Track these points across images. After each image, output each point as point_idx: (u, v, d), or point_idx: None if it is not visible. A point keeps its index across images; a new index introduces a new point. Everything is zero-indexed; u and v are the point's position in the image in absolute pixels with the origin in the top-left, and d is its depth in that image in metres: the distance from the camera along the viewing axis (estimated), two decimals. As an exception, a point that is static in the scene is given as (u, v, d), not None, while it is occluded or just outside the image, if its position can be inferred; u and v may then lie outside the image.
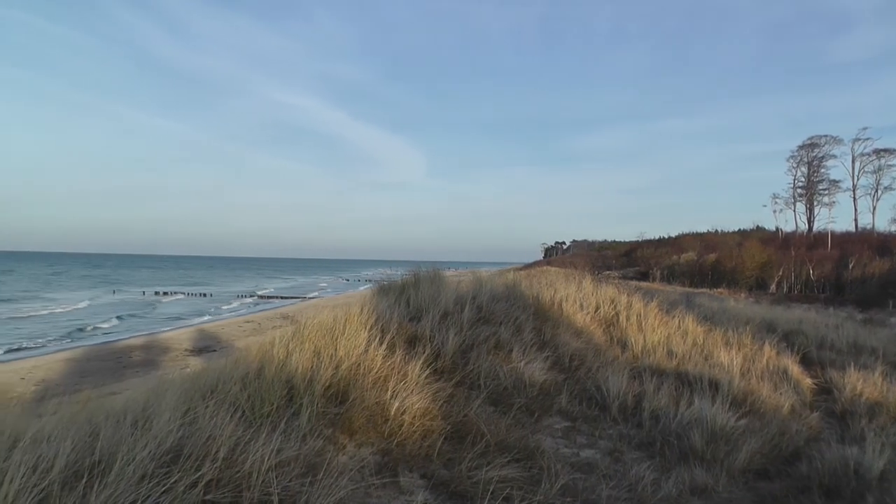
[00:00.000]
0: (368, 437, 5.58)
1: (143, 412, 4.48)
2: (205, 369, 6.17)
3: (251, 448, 4.26)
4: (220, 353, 23.30)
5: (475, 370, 7.92)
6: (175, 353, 28.33)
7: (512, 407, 7.38)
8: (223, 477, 3.97)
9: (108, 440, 3.93)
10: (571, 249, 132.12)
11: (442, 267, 12.24)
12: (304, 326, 7.05)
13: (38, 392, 18.52)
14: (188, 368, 7.69)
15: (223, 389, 5.28)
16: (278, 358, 6.03)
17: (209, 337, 34.58)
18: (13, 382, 20.45)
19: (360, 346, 6.68)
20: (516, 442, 6.31)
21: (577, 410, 8.13)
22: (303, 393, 5.57)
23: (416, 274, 10.83)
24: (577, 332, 11.52)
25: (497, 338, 9.15)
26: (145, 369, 23.90)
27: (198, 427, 4.34)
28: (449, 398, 6.76)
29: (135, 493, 3.46)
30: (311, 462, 4.62)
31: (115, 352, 30.20)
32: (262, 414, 5.14)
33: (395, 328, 7.75)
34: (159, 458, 3.87)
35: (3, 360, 30.67)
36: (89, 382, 19.74)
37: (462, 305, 9.69)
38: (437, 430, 6.02)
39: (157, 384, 5.36)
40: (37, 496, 3.27)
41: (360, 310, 7.82)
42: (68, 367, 25.29)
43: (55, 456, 3.54)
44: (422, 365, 6.86)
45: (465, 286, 11.36)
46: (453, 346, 8.17)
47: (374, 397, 6.03)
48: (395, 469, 5.26)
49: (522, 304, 11.33)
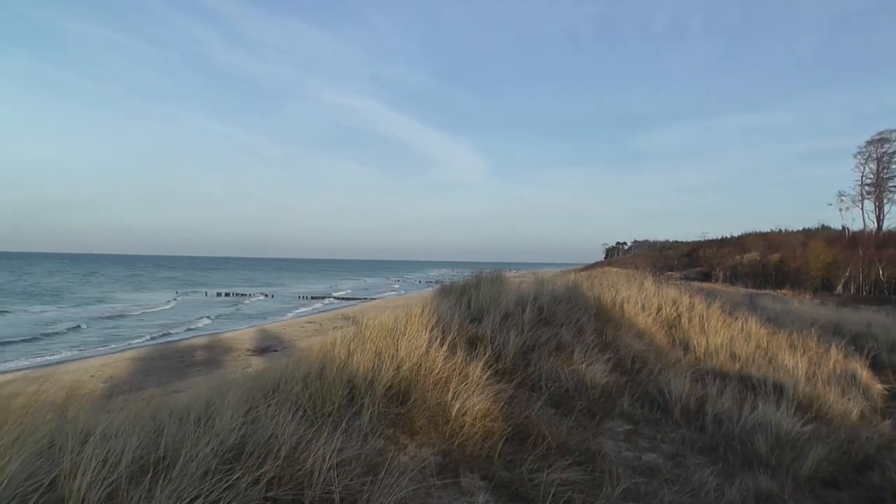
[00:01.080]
0: (429, 437, 5.58)
1: (206, 410, 4.54)
2: (267, 369, 6.23)
3: (312, 447, 4.27)
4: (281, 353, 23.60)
5: (536, 371, 7.86)
6: (237, 353, 28.78)
7: (573, 409, 7.31)
8: (285, 475, 4.00)
9: (172, 437, 4.00)
10: (633, 250, 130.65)
11: (503, 268, 12.21)
12: (366, 327, 7.06)
13: (106, 389, 18.97)
14: (250, 368, 7.78)
15: (285, 389, 5.33)
16: (340, 358, 6.06)
17: (271, 337, 35.03)
18: (83, 380, 20.99)
19: (422, 346, 6.67)
20: (577, 444, 6.25)
21: (638, 413, 8.01)
22: (364, 393, 5.59)
23: (477, 275, 10.80)
24: (639, 334, 11.36)
25: (558, 339, 9.07)
26: (207, 368, 24.32)
27: (260, 425, 4.38)
28: (510, 399, 6.72)
29: (198, 488, 3.50)
30: (373, 461, 4.63)
31: (178, 351, 30.83)
32: (324, 413, 5.17)
33: (456, 329, 7.72)
34: (222, 455, 3.92)
35: (75, 358, 31.66)
36: (153, 380, 20.16)
37: (523, 306, 9.63)
38: (497, 431, 5.99)
39: (219, 383, 5.42)
40: (106, 489, 3.33)
41: (422, 311, 7.81)
42: (134, 366, 25.89)
43: (123, 451, 3.60)
44: (483, 366, 6.82)
45: (526, 287, 11.30)
46: (514, 347, 8.12)
47: (435, 398, 6.03)
48: (456, 470, 5.24)
49: (584, 306, 11.22)
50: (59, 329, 46.60)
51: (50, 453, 3.53)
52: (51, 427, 3.80)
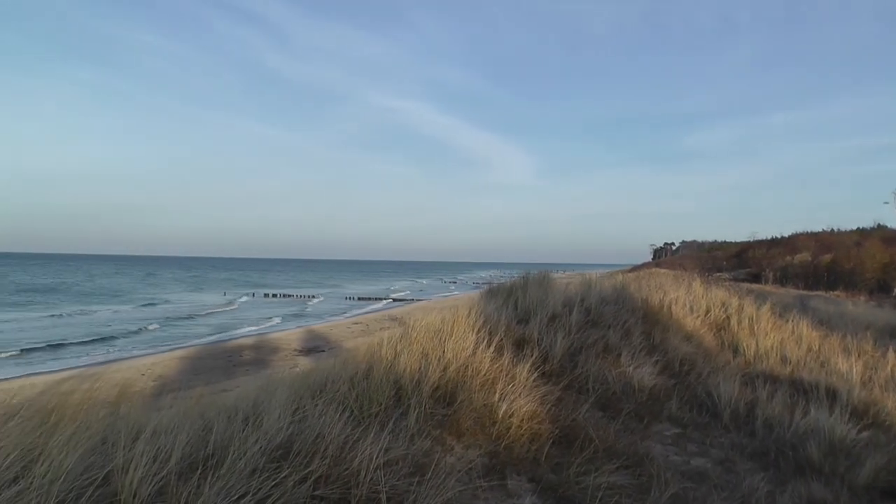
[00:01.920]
0: (476, 438, 5.56)
1: (254, 409, 4.60)
2: (314, 369, 6.28)
3: (360, 446, 4.29)
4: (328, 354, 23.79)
5: (583, 374, 7.80)
6: (284, 353, 29.09)
7: (620, 412, 7.24)
8: (332, 474, 4.02)
9: (220, 435, 4.06)
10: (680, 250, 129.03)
11: (550, 269, 12.15)
12: (412, 328, 7.07)
13: (156, 388, 19.32)
14: (297, 368, 7.85)
15: (332, 389, 5.36)
16: (386, 359, 6.09)
17: (318, 337, 35.33)
18: (134, 378, 21.39)
19: (468, 348, 6.67)
20: (625, 448, 6.18)
21: (687, 417, 7.89)
22: (410, 394, 5.61)
23: (524, 276, 10.76)
24: (687, 336, 11.23)
25: (605, 341, 9.01)
26: (255, 368, 24.63)
27: (307, 425, 4.42)
28: (557, 402, 6.68)
29: (246, 485, 3.54)
30: (419, 462, 4.63)
31: (226, 351, 31.29)
32: (371, 414, 5.19)
33: (502, 331, 7.69)
34: (270, 454, 3.96)
35: (126, 356, 32.35)
36: (202, 379, 20.49)
37: (570, 308, 9.58)
38: (544, 433, 5.95)
39: (267, 382, 5.48)
40: (157, 484, 3.40)
41: (468, 312, 7.80)
42: (183, 365, 26.34)
43: (172, 448, 3.65)
44: (529, 368, 6.79)
45: (573, 288, 11.24)
46: (561, 349, 8.08)
47: (481, 399, 6.01)
48: (502, 472, 5.22)
49: (631, 307, 11.13)
50: (136, 328, 48.60)
51: (103, 449, 3.60)
52: (104, 424, 3.88)
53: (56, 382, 4.66)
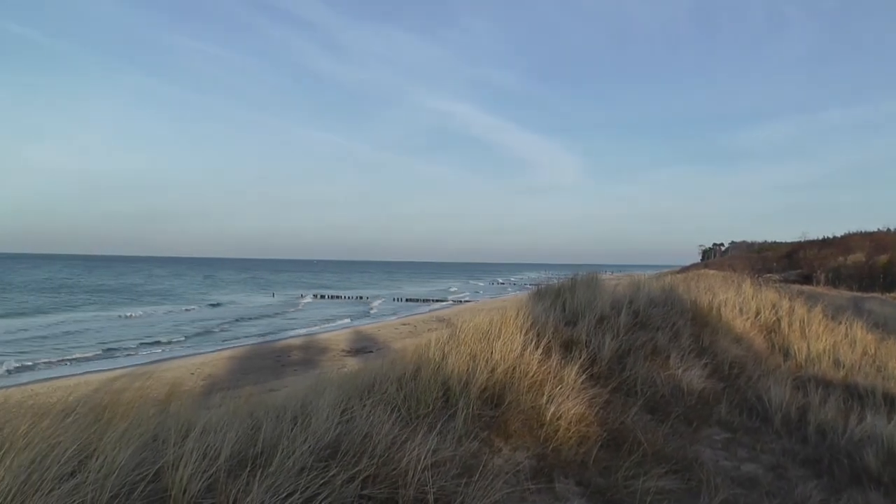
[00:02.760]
0: (524, 440, 5.53)
1: (302, 409, 4.62)
2: (361, 369, 6.32)
3: (407, 447, 4.29)
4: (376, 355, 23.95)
5: (631, 376, 7.72)
6: (332, 354, 29.32)
7: (669, 415, 7.14)
8: (380, 473, 4.03)
9: (268, 433, 4.10)
10: (729, 251, 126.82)
11: (598, 270, 12.06)
12: (460, 329, 7.07)
13: (206, 386, 19.64)
14: (345, 368, 7.90)
15: (380, 389, 5.39)
16: (434, 360, 6.08)
17: (366, 338, 35.57)
18: (184, 377, 21.78)
19: (516, 349, 6.63)
20: (674, 452, 6.10)
21: (737, 421, 7.74)
22: (458, 395, 5.60)
23: (572, 277, 10.69)
24: (737, 339, 11.05)
25: (654, 343, 8.91)
26: (303, 368, 24.87)
27: (355, 425, 4.44)
28: (605, 404, 6.62)
29: (294, 483, 3.56)
30: (467, 463, 4.62)
31: (274, 351, 31.68)
32: (419, 414, 5.19)
33: (550, 332, 7.64)
34: (318, 453, 3.98)
35: (178, 355, 32.99)
36: (250, 379, 20.79)
37: (618, 310, 9.50)
38: (592, 436, 5.90)
39: (315, 382, 5.52)
40: (206, 481, 3.44)
41: (516, 313, 7.78)
42: (232, 365, 26.72)
43: (221, 445, 3.70)
44: (577, 370, 6.73)
45: (621, 290, 11.15)
46: (609, 351, 8.00)
47: (529, 401, 5.98)
48: (550, 474, 5.18)
49: (680, 309, 10.98)
50: (216, 327, 50.58)
51: (154, 446, 3.66)
52: (154, 421, 3.95)
53: (109, 381, 4.76)
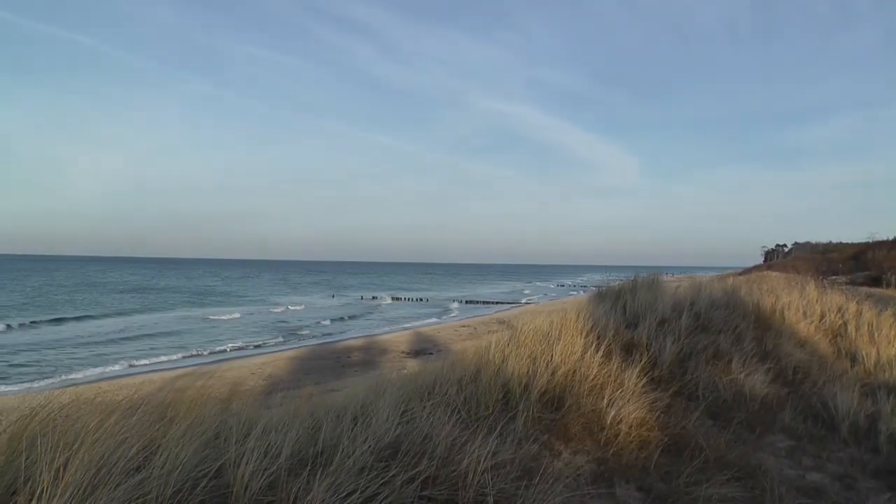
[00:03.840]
0: (584, 444, 5.49)
1: (363, 409, 4.65)
2: (421, 371, 6.32)
3: (467, 449, 4.29)
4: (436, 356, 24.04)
5: (693, 380, 7.60)
6: (392, 355, 29.51)
7: (731, 421, 7.00)
8: (440, 475, 4.04)
9: (329, 433, 4.13)
10: (793, 252, 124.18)
11: (658, 272, 11.90)
12: (520, 331, 7.06)
13: (266, 386, 19.91)
14: (405, 370, 7.92)
15: (440, 391, 5.39)
16: (494, 362, 6.07)
17: (426, 340, 35.70)
18: (245, 377, 22.13)
19: (577, 352, 6.59)
20: (736, 459, 5.96)
21: (801, 428, 7.55)
22: (518, 397, 5.58)
23: (632, 279, 10.59)
24: (801, 343, 10.79)
25: (716, 347, 8.76)
26: (363, 369, 25.04)
27: (415, 426, 4.45)
28: (666, 409, 6.52)
29: (354, 483, 3.57)
30: (527, 466, 4.60)
31: (335, 352, 32.00)
32: (479, 416, 5.19)
33: (611, 335, 7.60)
34: (378, 453, 4.00)
35: (237, 356, 33.67)
36: (311, 379, 21.02)
37: (679, 312, 9.37)
38: (653, 441, 5.81)
39: (375, 383, 5.52)
40: (267, 478, 3.48)
41: (577, 315, 7.74)
42: (292, 365, 27.05)
43: (282, 444, 3.74)
44: (638, 373, 6.66)
45: (682, 292, 11.00)
46: (670, 354, 7.90)
47: (589, 405, 5.93)
48: (610, 479, 5.12)
49: (742, 312, 10.78)
50: (303, 328, 51.79)
51: (216, 443, 3.71)
52: (216, 420, 4.00)
53: (172, 379, 4.83)
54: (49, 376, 29.44)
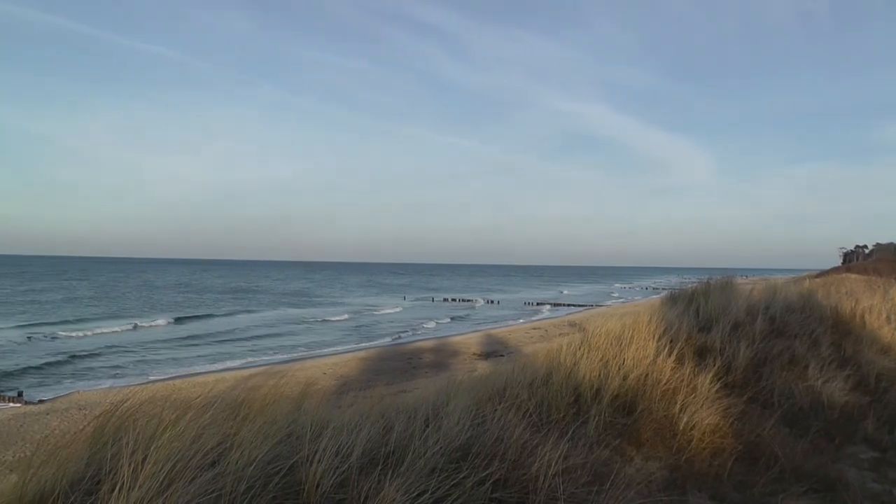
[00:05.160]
0: (656, 450, 5.40)
1: (434, 411, 4.66)
2: (492, 373, 6.31)
3: (538, 452, 4.25)
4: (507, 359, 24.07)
5: (768, 387, 7.40)
6: (463, 357, 29.67)
7: (809, 430, 6.78)
8: (510, 477, 4.02)
9: (400, 434, 4.15)
10: (874, 254, 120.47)
11: (732, 274, 11.66)
12: (592, 335, 7.01)
13: (338, 386, 20.24)
14: (476, 372, 7.93)
15: (511, 394, 5.36)
16: (566, 365, 6.03)
17: (497, 342, 35.79)
18: (317, 376, 22.51)
19: (649, 356, 6.51)
20: (814, 469, 5.77)
21: (886, 440, 7.25)
22: (590, 401, 5.53)
23: (706, 282, 10.40)
24: (884, 349, 10.40)
25: (791, 352, 8.52)
26: (434, 370, 25.25)
27: (486, 428, 4.43)
28: (740, 416, 6.37)
29: (425, 483, 3.57)
30: (598, 471, 4.55)
31: (405, 353, 32.33)
32: (550, 420, 5.15)
33: (683, 339, 7.47)
34: (449, 455, 3.99)
35: (308, 356, 34.40)
36: (382, 380, 21.22)
37: (753, 316, 9.16)
38: (727, 448, 5.69)
39: (446, 385, 5.52)
40: (339, 477, 3.51)
41: (649, 319, 7.63)
42: (363, 365, 27.44)
43: (353, 444, 3.77)
44: (711, 378, 6.53)
45: (756, 295, 10.74)
46: (744, 359, 7.71)
47: (662, 410, 5.85)
48: (683, 486, 5.03)
49: (819, 316, 10.47)
50: (409, 330, 54.00)
51: (289, 441, 3.76)
52: (289, 418, 4.06)
53: (244, 378, 4.92)
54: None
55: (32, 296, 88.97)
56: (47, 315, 64.17)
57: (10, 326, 53.18)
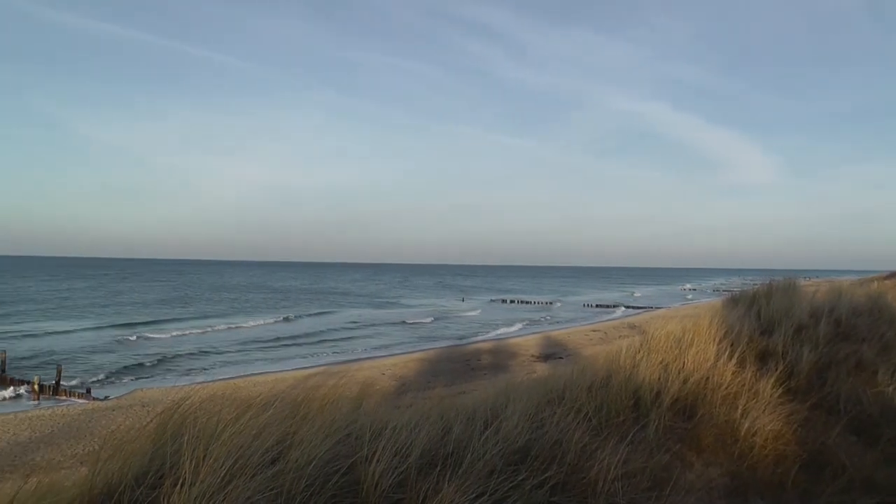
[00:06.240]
0: (717, 456, 5.30)
1: (492, 413, 4.68)
2: (551, 375, 6.30)
3: (597, 456, 4.26)
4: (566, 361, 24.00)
5: (833, 392, 7.19)
6: (522, 359, 29.73)
7: (879, 439, 6.55)
8: (569, 481, 4.02)
9: (458, 435, 4.17)
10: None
11: (794, 275, 11.43)
12: (652, 337, 6.95)
13: (396, 387, 20.46)
14: (534, 374, 7.93)
15: (570, 397, 5.33)
16: (625, 368, 5.98)
17: (555, 344, 35.77)
18: (375, 377, 22.79)
19: (709, 359, 6.42)
20: (886, 481, 5.55)
21: (963, 451, 7.01)
22: (650, 405, 5.47)
23: (767, 284, 10.21)
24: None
25: (858, 356, 8.26)
26: (492, 372, 25.29)
27: (545, 431, 4.43)
28: (804, 422, 6.19)
29: (484, 485, 3.59)
30: (658, 476, 4.51)
31: (464, 354, 32.53)
32: (609, 423, 5.10)
33: (744, 342, 7.33)
34: (507, 457, 4.01)
35: (369, 356, 34.92)
36: (441, 381, 21.42)
37: (817, 319, 8.92)
38: (790, 456, 5.54)
39: (505, 387, 5.53)
40: (397, 477, 3.56)
41: (709, 321, 7.51)
42: (422, 367, 27.67)
43: (411, 445, 3.80)
44: (773, 383, 6.37)
45: (820, 297, 10.49)
46: (808, 363, 7.51)
47: (722, 415, 5.74)
48: (745, 494, 4.93)
49: (889, 319, 10.15)
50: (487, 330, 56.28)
51: (348, 441, 3.81)
52: (348, 418, 4.11)
53: (304, 378, 4.98)
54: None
55: (121, 297, 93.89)
56: (140, 314, 67.48)
57: (95, 326, 55.89)
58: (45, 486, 2.99)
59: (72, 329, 54.74)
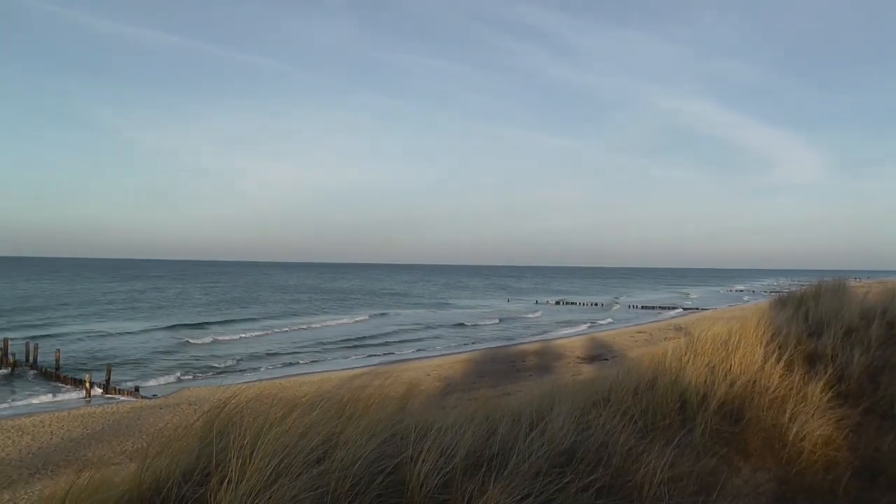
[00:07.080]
0: (764, 461, 5.22)
1: (538, 414, 4.66)
2: (597, 377, 6.27)
3: (643, 459, 4.23)
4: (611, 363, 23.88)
5: (886, 397, 7.01)
6: (567, 360, 29.64)
7: (936, 446, 6.42)
8: (615, 484, 4.00)
9: (504, 436, 4.17)
10: None
11: (844, 276, 11.24)
12: (698, 339, 6.86)
13: (441, 388, 20.53)
14: (580, 375, 7.89)
15: (616, 399, 5.30)
16: (671, 370, 5.92)
17: (601, 345, 35.59)
18: (420, 378, 22.88)
19: (756, 362, 6.32)
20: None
21: None
22: (696, 408, 5.40)
23: (816, 285, 10.03)
24: None
25: (914, 361, 8.08)
26: (538, 373, 25.24)
27: (590, 433, 4.40)
28: (855, 427, 6.05)
29: (529, 486, 3.58)
30: (705, 481, 4.46)
31: (509, 356, 32.51)
32: (655, 426, 5.05)
33: (792, 344, 7.19)
34: (553, 459, 4.00)
35: (414, 357, 35.08)
36: (486, 382, 21.42)
37: (869, 321, 8.72)
38: (841, 462, 5.42)
39: (550, 388, 5.53)
40: (442, 477, 3.56)
41: (756, 323, 7.40)
42: (467, 367, 27.72)
43: (457, 445, 3.81)
44: (823, 387, 6.23)
45: (871, 298, 10.26)
46: (859, 366, 7.34)
47: (770, 419, 5.64)
48: (793, 500, 4.85)
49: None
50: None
51: (393, 441, 3.82)
52: (394, 419, 4.13)
53: (349, 378, 5.01)
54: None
55: (184, 297, 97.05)
56: (205, 315, 69.69)
57: (155, 328, 57.10)
58: (97, 482, 3.05)
59: (145, 329, 55.94)
